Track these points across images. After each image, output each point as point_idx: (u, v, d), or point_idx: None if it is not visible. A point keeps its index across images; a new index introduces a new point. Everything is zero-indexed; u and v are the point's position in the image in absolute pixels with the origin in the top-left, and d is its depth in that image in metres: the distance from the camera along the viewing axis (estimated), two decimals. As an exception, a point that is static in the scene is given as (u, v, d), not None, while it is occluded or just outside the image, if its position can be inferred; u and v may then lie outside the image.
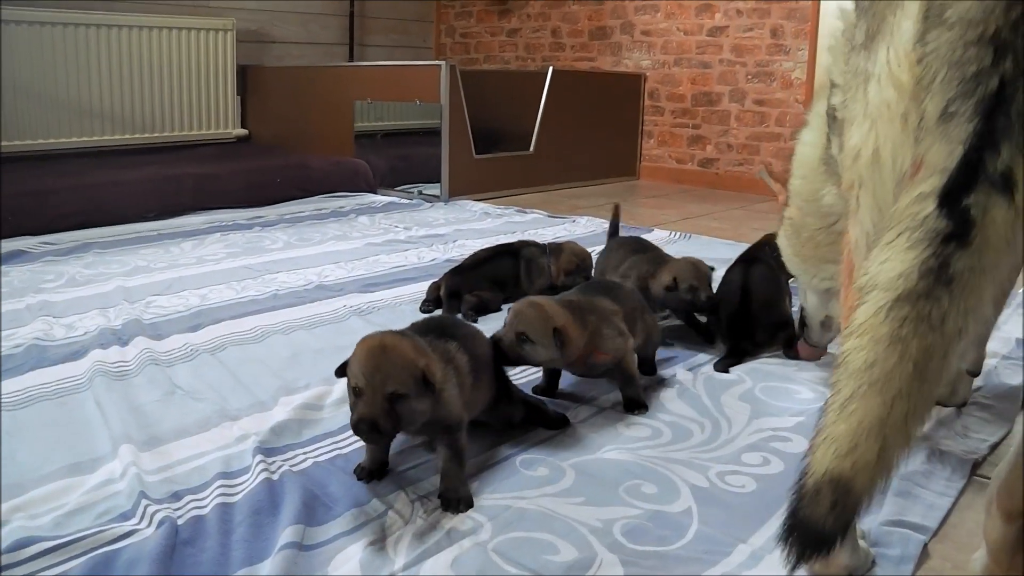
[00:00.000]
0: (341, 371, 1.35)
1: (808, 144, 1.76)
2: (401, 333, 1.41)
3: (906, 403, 0.80)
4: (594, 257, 2.64)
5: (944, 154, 0.79)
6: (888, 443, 0.80)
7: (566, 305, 1.70)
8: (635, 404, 1.76)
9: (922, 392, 0.80)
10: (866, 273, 0.83)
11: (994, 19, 0.78)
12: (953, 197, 0.78)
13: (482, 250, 2.67)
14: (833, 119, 1.52)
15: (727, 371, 2.00)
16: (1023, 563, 1.14)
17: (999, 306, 1.73)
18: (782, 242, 1.92)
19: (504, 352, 1.62)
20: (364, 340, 1.34)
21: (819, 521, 0.83)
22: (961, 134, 0.78)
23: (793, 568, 0.87)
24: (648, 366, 1.97)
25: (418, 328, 1.50)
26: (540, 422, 1.66)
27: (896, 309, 0.80)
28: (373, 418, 1.26)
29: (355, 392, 1.29)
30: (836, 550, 1.12)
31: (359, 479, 1.43)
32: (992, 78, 0.77)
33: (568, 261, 2.60)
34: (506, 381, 1.65)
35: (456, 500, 1.35)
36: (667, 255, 2.34)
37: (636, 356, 1.85)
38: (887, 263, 0.81)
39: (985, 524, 1.15)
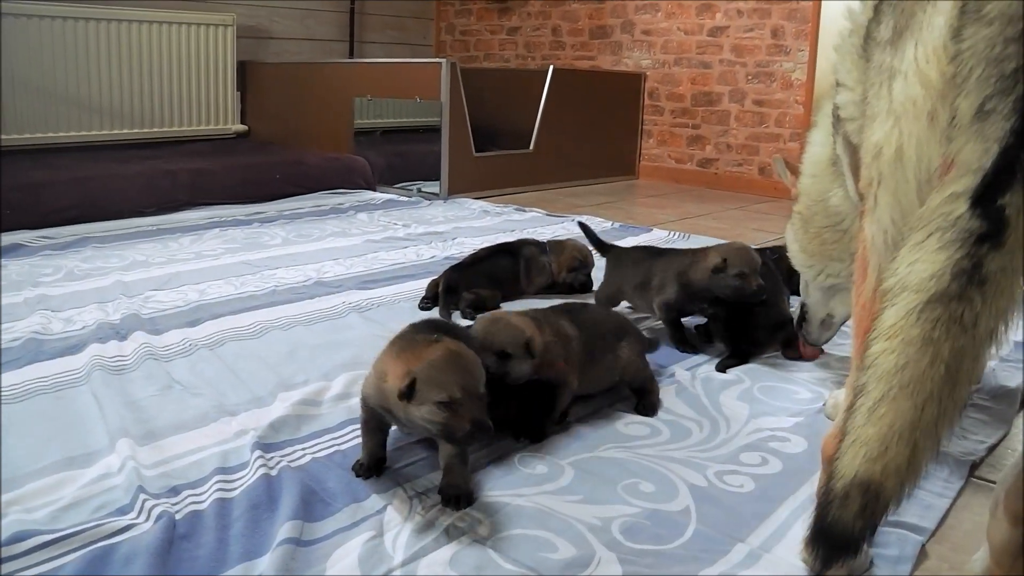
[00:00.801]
0: (410, 392, 1.28)
1: (817, 144, 1.76)
2: (443, 334, 1.40)
3: (937, 406, 0.79)
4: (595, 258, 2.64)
5: (978, 153, 0.78)
6: (919, 447, 0.80)
7: (527, 315, 1.68)
8: (537, 433, 1.61)
9: (953, 395, 0.80)
10: (894, 275, 0.82)
11: None
12: (987, 197, 0.77)
13: (482, 248, 2.67)
14: (837, 118, 1.52)
15: (725, 371, 2.00)
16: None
17: None
18: (789, 236, 1.92)
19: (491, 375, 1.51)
20: (431, 350, 1.31)
21: (848, 525, 0.83)
22: (997, 132, 0.77)
23: (820, 571, 0.87)
24: (644, 405, 1.78)
25: (420, 328, 1.49)
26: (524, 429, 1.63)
27: (928, 311, 0.79)
28: (488, 418, 1.28)
29: (449, 405, 1.26)
30: (855, 557, 1.13)
31: (357, 476, 1.43)
32: None
33: (570, 258, 2.61)
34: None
35: (457, 496, 1.35)
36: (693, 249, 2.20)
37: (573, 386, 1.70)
38: (917, 264, 0.80)
39: (989, 526, 1.15)
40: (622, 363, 1.78)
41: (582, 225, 2.63)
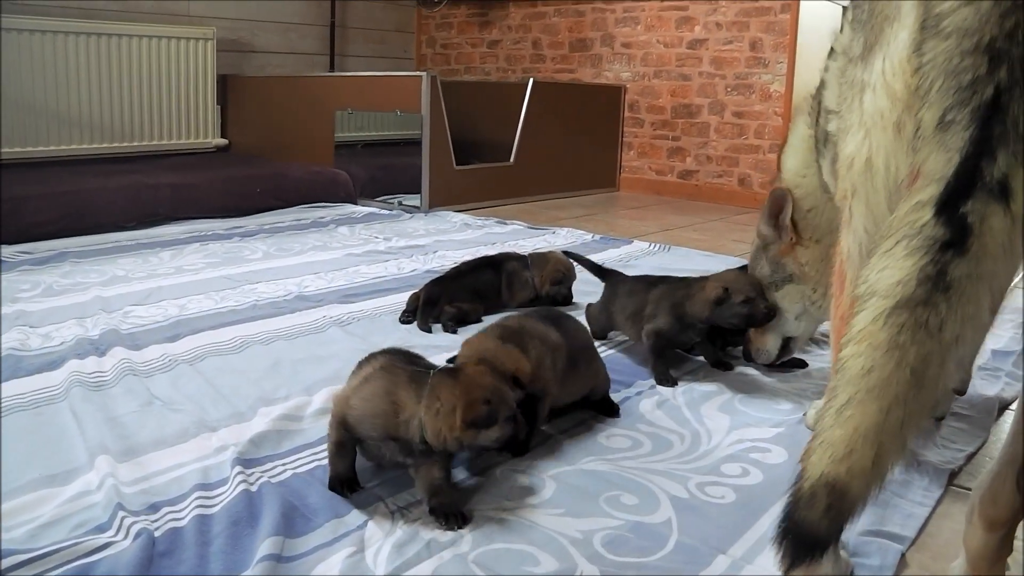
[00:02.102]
0: (490, 419, 1.33)
1: (800, 175, 1.82)
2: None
3: (902, 410, 0.81)
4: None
5: (942, 163, 0.80)
6: (883, 449, 0.81)
7: (507, 335, 1.63)
8: (521, 447, 1.60)
9: (919, 399, 0.81)
10: (865, 281, 0.84)
11: (989, 28, 0.79)
12: (951, 205, 0.79)
13: (464, 262, 2.67)
14: (826, 144, 1.57)
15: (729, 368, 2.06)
16: (1002, 573, 1.16)
17: (993, 316, 1.74)
18: (796, 291, 1.95)
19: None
20: (470, 377, 1.37)
21: (814, 525, 0.84)
22: (958, 142, 0.79)
23: (787, 572, 0.88)
24: (607, 407, 1.82)
25: (395, 357, 1.49)
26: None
27: (895, 316, 0.80)
28: None
29: (514, 417, 1.37)
30: (822, 563, 1.15)
31: (337, 493, 1.42)
32: (988, 86, 0.79)
33: (553, 271, 2.62)
34: None
35: (455, 515, 1.33)
36: (692, 279, 2.11)
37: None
38: (885, 271, 0.82)
39: (966, 533, 1.16)
40: (593, 374, 1.79)
41: (573, 255, 2.59)
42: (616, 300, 2.22)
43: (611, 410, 1.81)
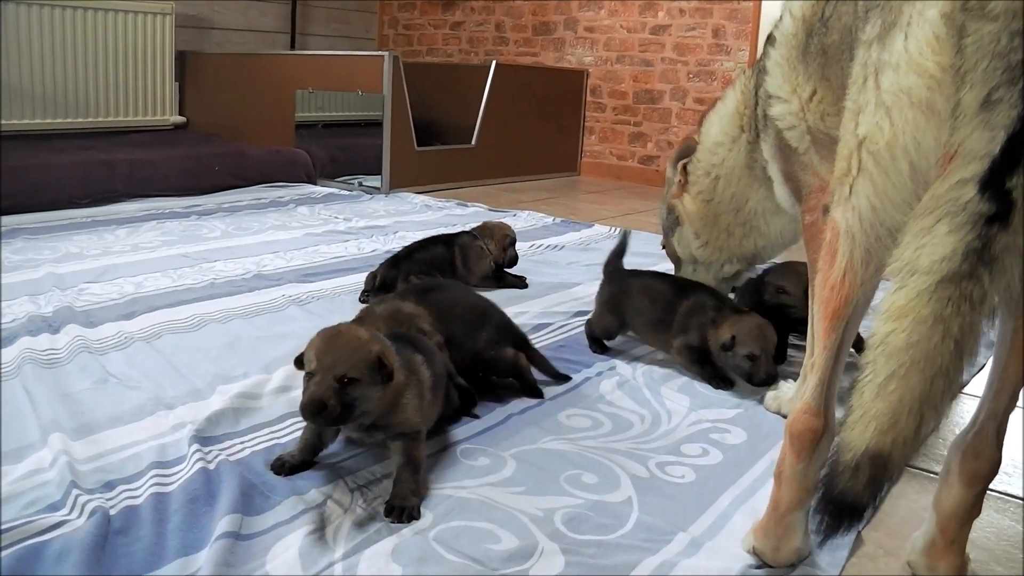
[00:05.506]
0: (299, 362, 1.34)
1: (724, 147, 1.96)
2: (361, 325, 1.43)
3: (944, 380, 0.84)
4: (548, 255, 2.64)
5: (985, 141, 0.83)
6: (925, 419, 0.85)
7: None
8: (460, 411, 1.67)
9: (958, 369, 0.84)
10: (898, 259, 0.87)
11: None
12: (996, 180, 0.81)
13: (415, 241, 2.67)
14: (767, 128, 1.62)
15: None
16: (967, 537, 1.18)
17: None
18: (685, 237, 2.13)
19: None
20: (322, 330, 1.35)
21: (858, 494, 0.87)
22: (1004, 120, 0.82)
23: (824, 539, 0.92)
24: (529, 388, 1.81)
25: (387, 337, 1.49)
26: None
27: (940, 290, 0.83)
28: (321, 399, 1.24)
29: (307, 376, 1.29)
30: (792, 536, 1.18)
31: (277, 473, 1.39)
32: None
33: (503, 236, 2.70)
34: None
35: (403, 509, 1.30)
36: (723, 301, 1.98)
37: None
38: (926, 248, 0.84)
39: (939, 494, 1.18)
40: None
41: (624, 238, 2.23)
42: (628, 301, 2.04)
43: (533, 390, 1.81)
